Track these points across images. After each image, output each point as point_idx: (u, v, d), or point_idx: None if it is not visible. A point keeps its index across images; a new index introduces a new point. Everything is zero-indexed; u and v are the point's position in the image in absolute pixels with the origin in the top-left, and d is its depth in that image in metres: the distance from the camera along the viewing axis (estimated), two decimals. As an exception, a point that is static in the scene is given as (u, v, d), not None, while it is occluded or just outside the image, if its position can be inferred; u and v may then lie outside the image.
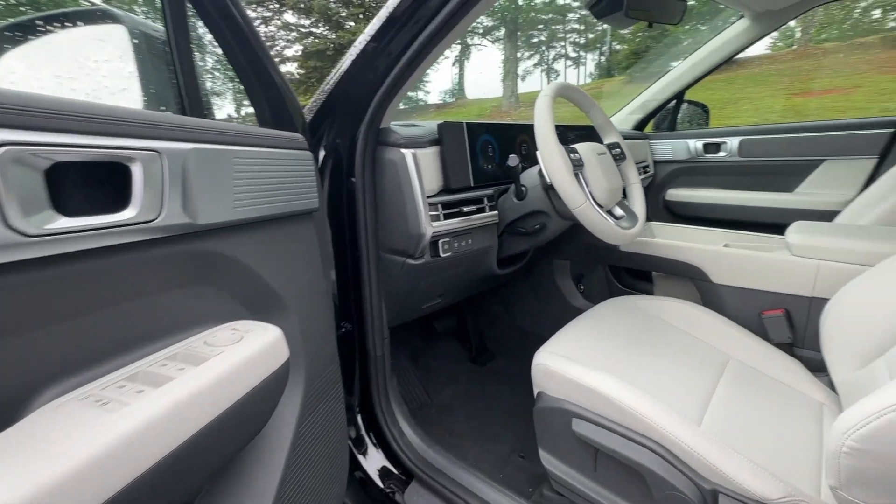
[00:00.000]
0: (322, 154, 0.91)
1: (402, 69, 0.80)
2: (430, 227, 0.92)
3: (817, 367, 0.96)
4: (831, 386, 0.89)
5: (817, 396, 0.90)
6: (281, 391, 0.57)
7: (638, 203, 1.08)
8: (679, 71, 1.88)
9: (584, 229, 0.92)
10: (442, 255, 0.98)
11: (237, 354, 0.48)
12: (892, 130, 1.56)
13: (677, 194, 2.03)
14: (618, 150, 1.10)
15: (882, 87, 8.12)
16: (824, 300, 0.94)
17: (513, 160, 0.97)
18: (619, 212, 1.02)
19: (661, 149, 2.08)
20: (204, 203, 0.49)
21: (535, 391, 0.92)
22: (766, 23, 1.61)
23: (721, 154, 1.92)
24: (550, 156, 0.87)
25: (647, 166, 2.05)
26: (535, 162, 1.07)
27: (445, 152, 0.98)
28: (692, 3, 1.31)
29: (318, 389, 0.71)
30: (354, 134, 0.89)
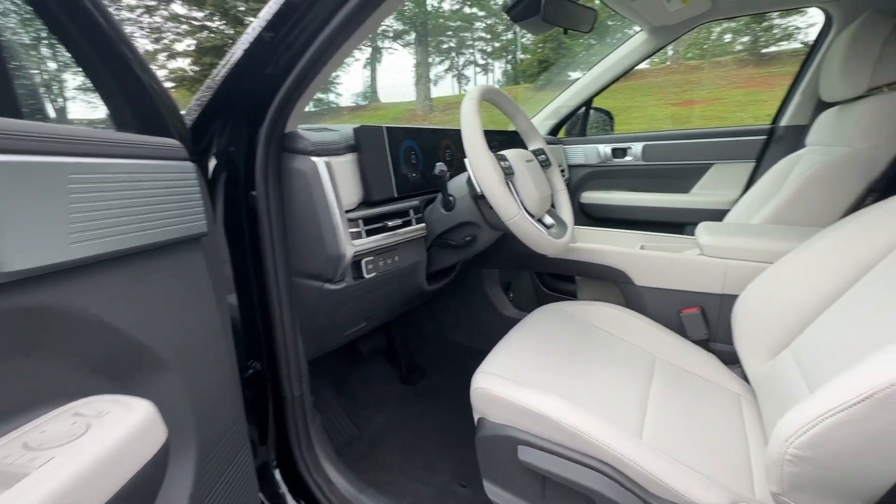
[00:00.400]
0: (212, 164, 0.75)
1: (309, 64, 0.68)
2: (351, 245, 0.80)
3: (731, 360, 1.02)
4: (744, 377, 0.94)
5: (734, 388, 0.94)
6: (157, 487, 0.42)
7: (566, 210, 1.07)
8: (587, 79, 1.96)
9: (513, 237, 0.88)
10: (366, 276, 0.86)
11: (76, 458, 0.33)
12: (765, 138, 1.77)
13: (591, 197, 2.13)
14: (543, 156, 1.07)
15: (736, 100, 9.53)
16: (734, 297, 1.00)
17: (440, 168, 0.90)
18: (549, 220, 1.00)
19: (574, 153, 2.17)
20: (17, 241, 0.34)
21: (476, 417, 0.85)
22: (661, 36, 1.73)
23: (627, 158, 2.05)
24: (481, 164, 0.81)
25: (563, 170, 2.11)
26: (462, 169, 1.01)
27: (364, 160, 0.87)
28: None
29: (218, 462, 0.56)
30: (253, 139, 0.74)
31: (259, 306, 0.82)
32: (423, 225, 0.99)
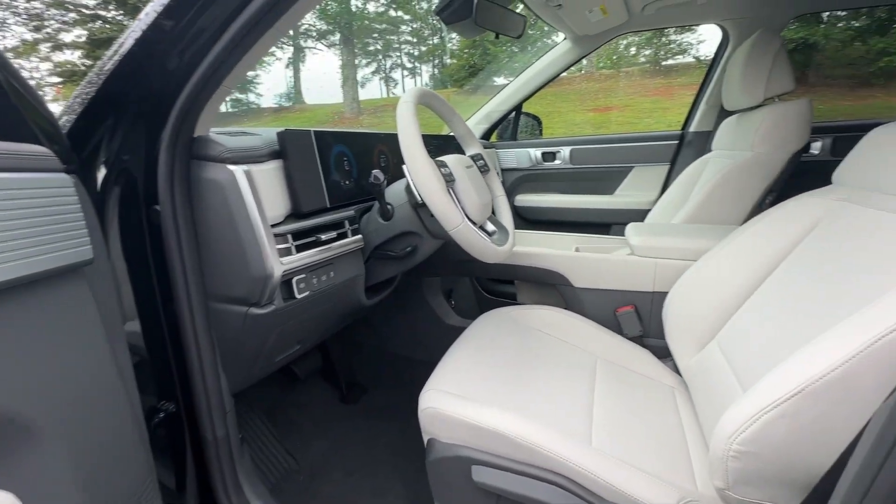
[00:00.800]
0: (101, 176, 0.63)
1: (220, 58, 0.59)
2: (279, 264, 0.72)
3: (664, 354, 1.08)
4: (676, 369, 0.99)
5: (668, 382, 0.99)
6: None
7: (506, 216, 1.06)
8: (517, 85, 2.00)
9: (455, 245, 0.84)
10: (298, 296, 0.78)
11: None
12: (676, 142, 1.92)
13: (525, 200, 2.17)
14: (482, 161, 1.05)
15: (643, 108, 10.44)
16: (664, 294, 1.05)
17: (378, 176, 0.84)
18: (490, 227, 0.98)
19: (507, 157, 2.21)
20: None
21: (426, 438, 0.80)
22: (584, 45, 1.81)
23: (557, 162, 2.12)
24: (421, 171, 0.76)
25: (497, 174, 2.14)
26: (399, 175, 0.95)
27: (291, 168, 0.79)
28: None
29: (117, 541, 0.46)
30: (153, 145, 0.63)
31: (170, 338, 0.71)
32: (359, 237, 0.92)
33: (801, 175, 1.29)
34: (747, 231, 0.92)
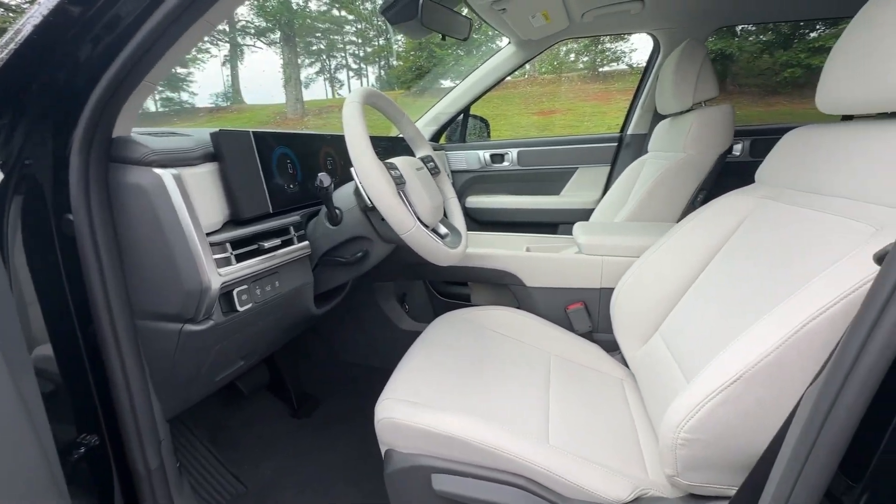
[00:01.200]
0: (-3, 181, 0.55)
1: (142, 48, 0.53)
2: (217, 275, 0.66)
3: (612, 347, 1.12)
4: (624, 362, 1.03)
5: (617, 374, 1.03)
6: None
7: (458, 218, 1.05)
8: (464, 87, 2.02)
9: (407, 248, 0.83)
10: (239, 308, 0.72)
11: None
12: (615, 144, 2.02)
13: (475, 201, 2.19)
14: (432, 163, 1.04)
15: (583, 111, 10.96)
16: (610, 290, 1.09)
17: (324, 179, 0.80)
18: (443, 229, 0.96)
19: (456, 159, 2.22)
20: None
21: (383, 450, 0.77)
22: (527, 50, 1.86)
23: (505, 164, 2.16)
24: (370, 174, 0.74)
25: (447, 176, 2.14)
26: (346, 178, 0.92)
27: (228, 171, 0.73)
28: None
29: None
30: (63, 147, 0.56)
31: (91, 363, 0.63)
32: (306, 243, 0.88)
33: (727, 174, 1.40)
34: (683, 228, 0.98)
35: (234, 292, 0.71)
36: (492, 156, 2.16)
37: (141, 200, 0.61)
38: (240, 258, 0.71)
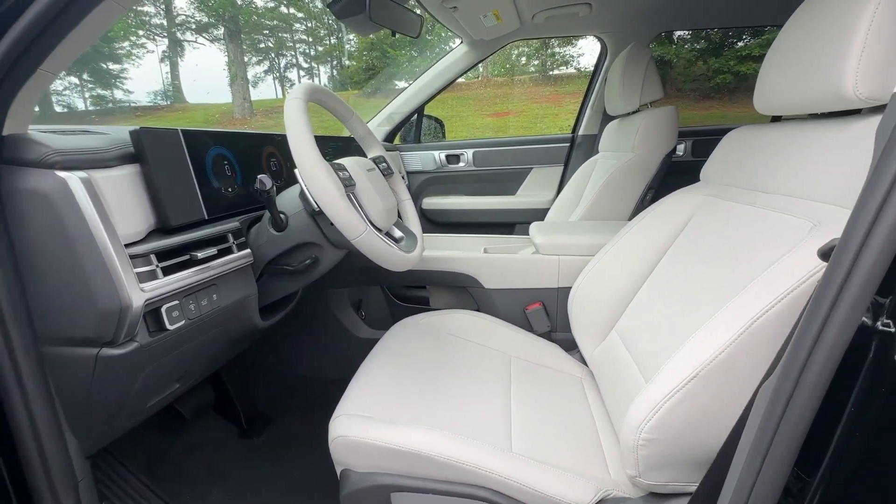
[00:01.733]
0: None
1: (33, 31, 0.45)
2: (139, 291, 0.59)
3: (571, 346, 1.12)
4: (583, 360, 1.04)
5: (576, 373, 1.03)
6: None
7: (413, 221, 1.02)
8: (418, 86, 1.98)
9: (359, 253, 0.78)
10: (169, 327, 0.65)
11: None
12: (568, 145, 2.06)
13: (431, 202, 2.16)
14: (384, 164, 1.00)
15: (535, 113, 11.25)
16: (567, 289, 1.10)
17: (265, 181, 0.73)
18: (397, 233, 0.92)
19: (411, 160, 2.18)
20: None
21: (338, 470, 0.72)
22: (479, 50, 1.85)
23: (461, 164, 2.14)
24: (316, 175, 0.68)
25: (402, 177, 2.09)
26: (291, 180, 0.86)
27: (153, 173, 0.65)
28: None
29: None
30: None
31: None
32: (248, 251, 0.81)
33: (672, 174, 1.46)
34: (635, 226, 0.99)
35: (163, 309, 0.64)
36: (447, 156, 2.14)
37: (42, 208, 0.53)
38: (168, 271, 0.64)
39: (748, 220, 0.73)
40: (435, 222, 2.20)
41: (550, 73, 13.03)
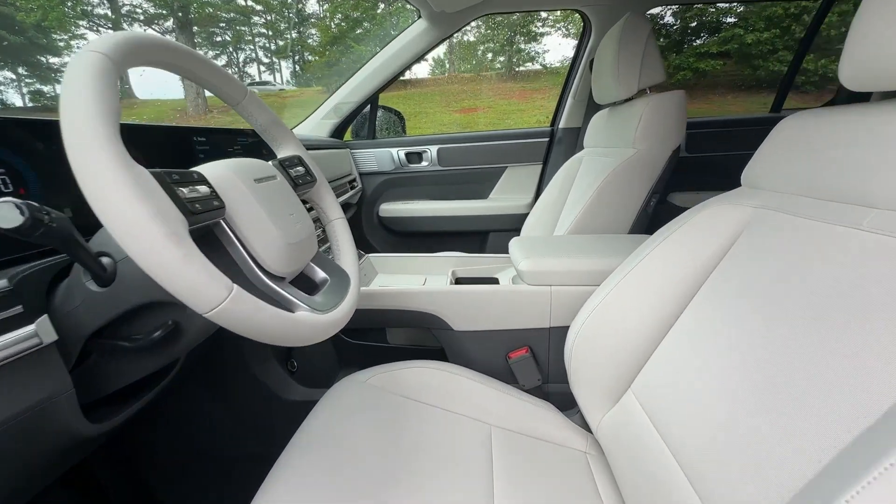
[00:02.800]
0: None
1: None
2: None
3: (569, 403, 0.85)
4: (585, 423, 0.77)
5: (578, 445, 0.77)
6: None
7: (347, 252, 0.70)
8: (369, 70, 1.65)
9: None
10: None
11: None
12: (547, 140, 1.78)
13: (389, 209, 1.84)
14: (300, 169, 0.68)
15: (503, 109, 11.08)
16: (563, 329, 0.82)
17: (8, 213, 0.39)
18: (319, 274, 0.61)
19: (366, 159, 1.84)
20: None
21: None
22: (442, 25, 1.54)
23: (423, 164, 1.83)
24: (108, 193, 0.35)
25: (353, 180, 1.76)
26: None
27: None
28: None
29: None
30: None
31: None
32: (44, 322, 0.47)
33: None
34: (653, 249, 0.72)
35: None
36: (407, 154, 1.82)
37: None
38: None
39: (834, 244, 0.47)
40: (394, 231, 1.88)
41: (517, 69, 12.96)
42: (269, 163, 0.63)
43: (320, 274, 0.61)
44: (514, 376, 0.92)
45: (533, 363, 0.91)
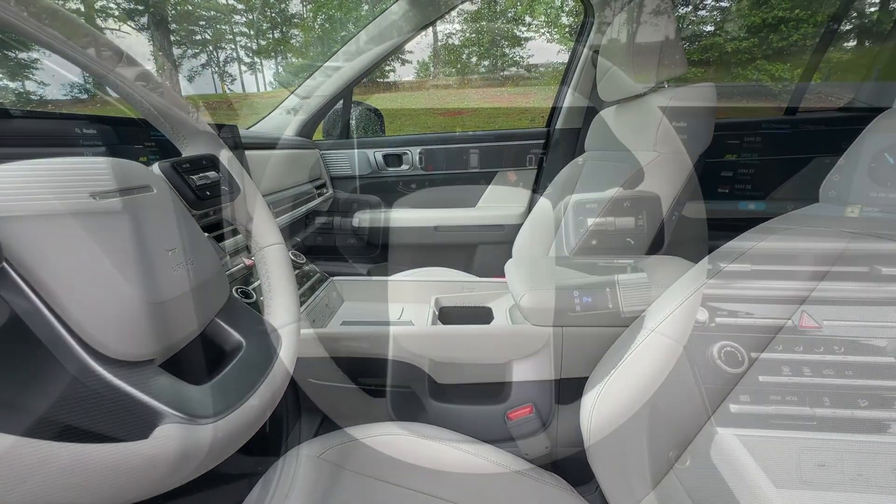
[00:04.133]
0: None
1: None
2: None
3: (584, 475, 0.66)
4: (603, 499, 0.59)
5: None
6: None
7: (280, 295, 0.48)
8: (341, 59, 1.43)
9: None
10: None
11: None
12: (542, 142, 1.59)
13: (365, 218, 1.62)
14: (210, 175, 0.46)
15: (488, 112, 11.00)
16: (576, 381, 0.63)
17: None
18: (232, 337, 0.40)
19: (338, 161, 1.62)
20: None
21: None
22: (424, 9, 1.33)
23: (404, 167, 1.62)
24: None
25: (323, 185, 1.54)
26: None
27: None
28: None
29: None
30: None
31: None
32: None
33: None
34: (696, 284, 0.54)
35: None
36: (386, 156, 1.61)
37: None
38: None
39: None
40: (370, 244, 1.67)
41: (501, 73, 12.97)
42: (156, 165, 0.41)
43: (233, 337, 0.40)
44: (514, 442, 0.72)
45: (538, 425, 0.71)
